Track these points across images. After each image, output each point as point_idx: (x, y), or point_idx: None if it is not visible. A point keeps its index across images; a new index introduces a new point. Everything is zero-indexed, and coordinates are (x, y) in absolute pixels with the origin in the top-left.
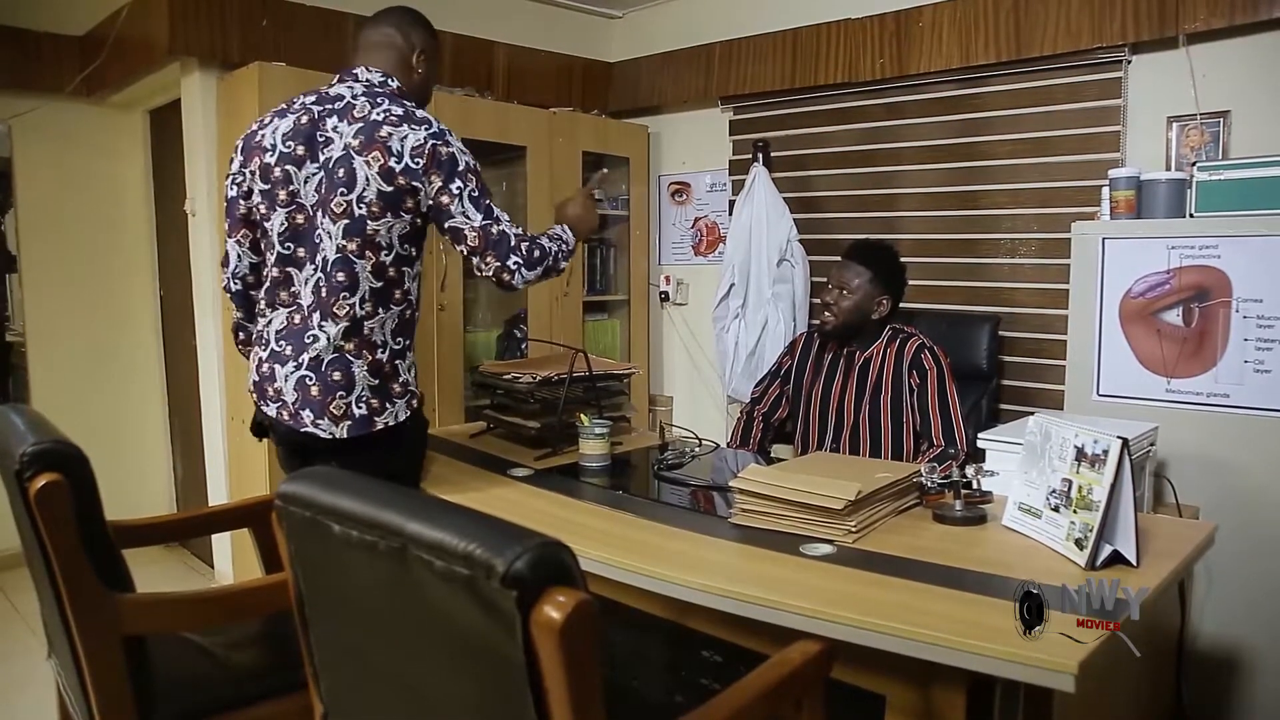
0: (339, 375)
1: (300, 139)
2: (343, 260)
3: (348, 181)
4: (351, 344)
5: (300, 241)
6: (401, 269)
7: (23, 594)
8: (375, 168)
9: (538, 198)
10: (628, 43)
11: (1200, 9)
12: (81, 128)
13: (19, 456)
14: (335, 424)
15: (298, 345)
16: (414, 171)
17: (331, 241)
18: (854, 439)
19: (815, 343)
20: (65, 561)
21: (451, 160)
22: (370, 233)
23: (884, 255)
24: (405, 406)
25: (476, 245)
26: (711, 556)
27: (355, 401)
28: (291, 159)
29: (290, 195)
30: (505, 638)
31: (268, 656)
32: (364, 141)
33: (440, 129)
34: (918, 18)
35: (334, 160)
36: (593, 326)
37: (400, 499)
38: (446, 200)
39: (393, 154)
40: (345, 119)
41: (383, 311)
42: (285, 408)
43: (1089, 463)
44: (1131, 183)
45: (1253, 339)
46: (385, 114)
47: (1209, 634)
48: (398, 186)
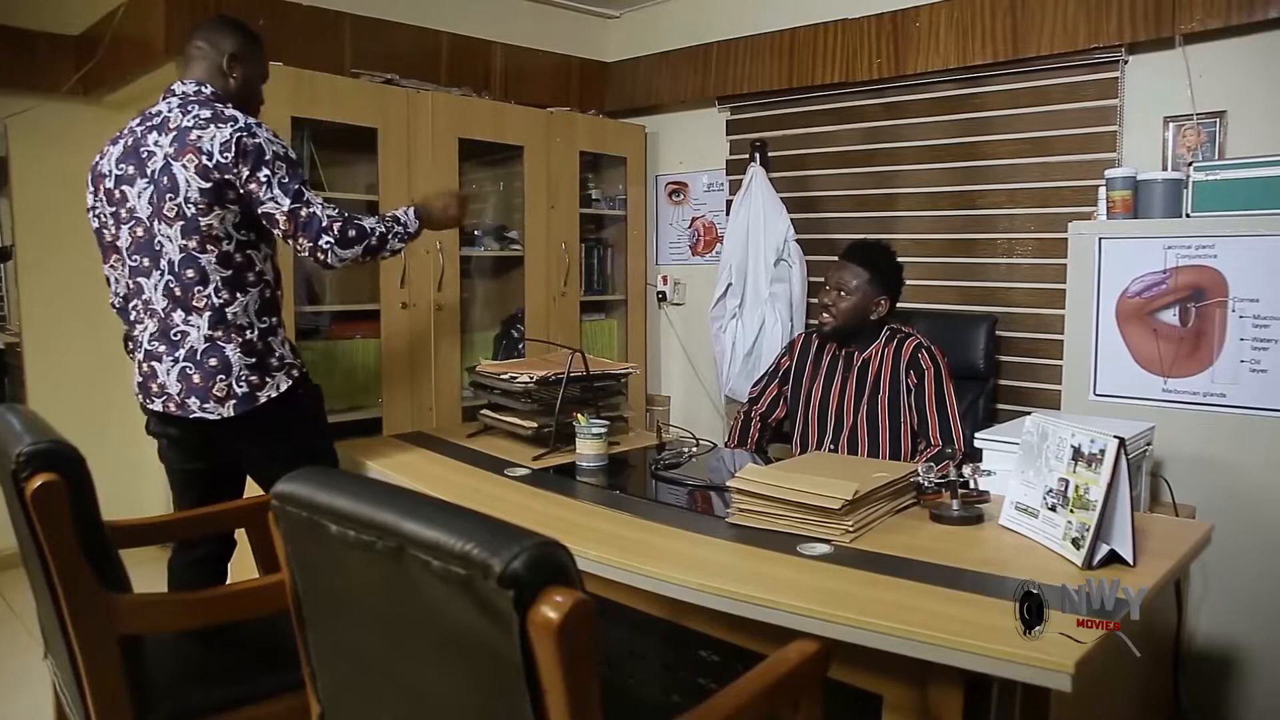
0: (215, 361)
1: (129, 159)
2: (187, 258)
3: (172, 187)
4: (220, 331)
5: (144, 252)
6: (247, 253)
7: (19, 594)
8: (192, 169)
9: (535, 197)
10: (625, 43)
11: (1196, 9)
12: (77, 127)
13: (15, 456)
14: (220, 405)
15: (168, 343)
16: (224, 165)
17: (173, 244)
18: (852, 439)
19: (814, 343)
20: (62, 561)
21: (258, 150)
22: (205, 228)
23: (881, 255)
24: (285, 378)
25: (288, 228)
26: (709, 556)
27: (235, 381)
28: (125, 179)
29: (129, 212)
30: (502, 637)
31: (264, 656)
32: (178, 148)
33: (247, 123)
34: (915, 18)
35: (158, 170)
36: (590, 326)
37: (397, 498)
38: (255, 187)
39: (203, 153)
40: (162, 132)
41: (241, 295)
42: (171, 400)
43: (1086, 462)
44: (1128, 183)
45: (1249, 339)
46: (195, 119)
47: (1206, 633)
48: (214, 181)
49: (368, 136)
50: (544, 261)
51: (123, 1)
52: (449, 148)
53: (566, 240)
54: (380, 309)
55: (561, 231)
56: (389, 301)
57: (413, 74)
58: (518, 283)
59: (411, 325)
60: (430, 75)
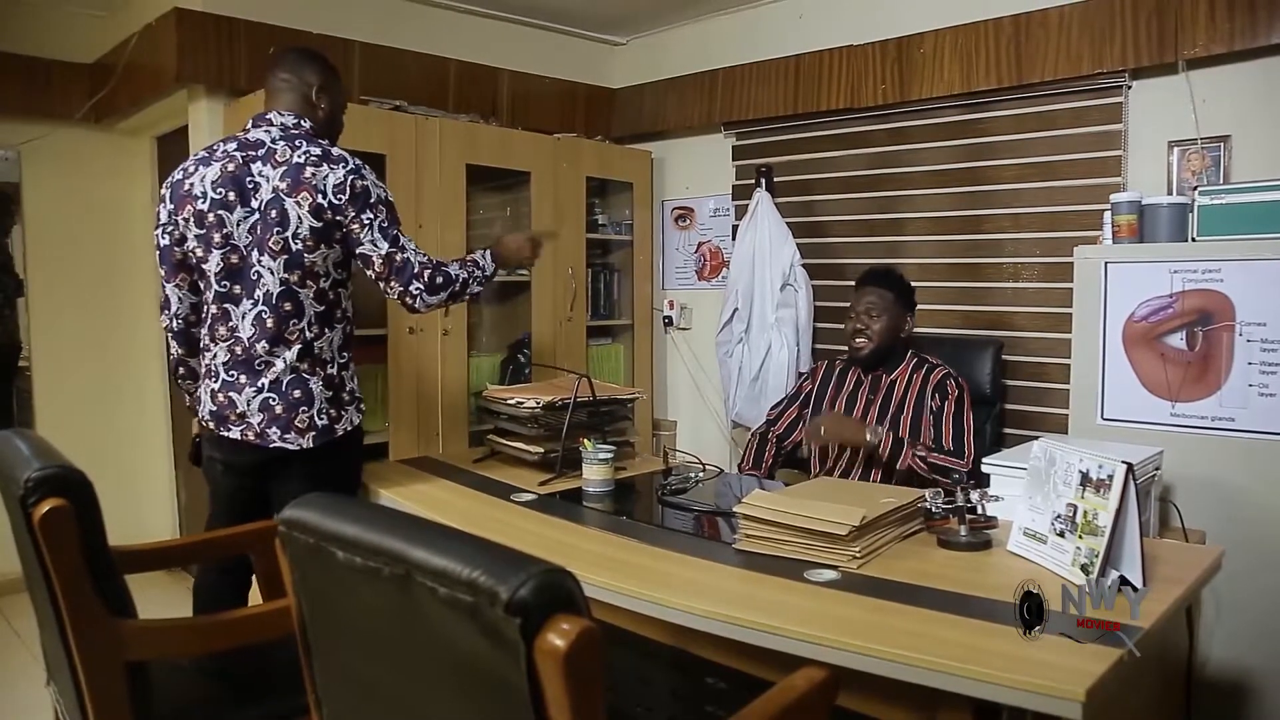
0: (299, 393)
1: (230, 185)
2: (287, 292)
3: (281, 221)
4: (305, 363)
5: (236, 279)
6: (338, 291)
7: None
8: (306, 207)
9: (541, 223)
10: (631, 69)
11: (1199, 35)
12: (90, 154)
13: (24, 481)
14: (302, 435)
15: (250, 372)
16: (338, 206)
17: (274, 276)
18: (870, 458)
19: (837, 368)
20: (68, 587)
21: (365, 193)
22: (309, 264)
23: (898, 277)
24: (356, 412)
25: (382, 271)
26: (716, 582)
27: (316, 414)
28: (223, 204)
29: (224, 238)
30: (509, 665)
31: (270, 683)
32: (291, 184)
33: (356, 165)
34: (919, 44)
35: (265, 203)
36: (597, 351)
37: (404, 525)
38: (358, 229)
39: (319, 192)
40: (269, 163)
41: (329, 331)
42: (250, 429)
43: (1094, 488)
44: (1133, 207)
45: (1257, 363)
46: (306, 155)
47: (1218, 659)
48: (326, 221)
49: (376, 163)
50: (551, 286)
51: (135, 30)
52: (457, 173)
53: (573, 265)
54: (387, 334)
55: (568, 256)
56: (396, 326)
57: (421, 101)
58: (525, 307)
59: (418, 350)
60: (438, 102)
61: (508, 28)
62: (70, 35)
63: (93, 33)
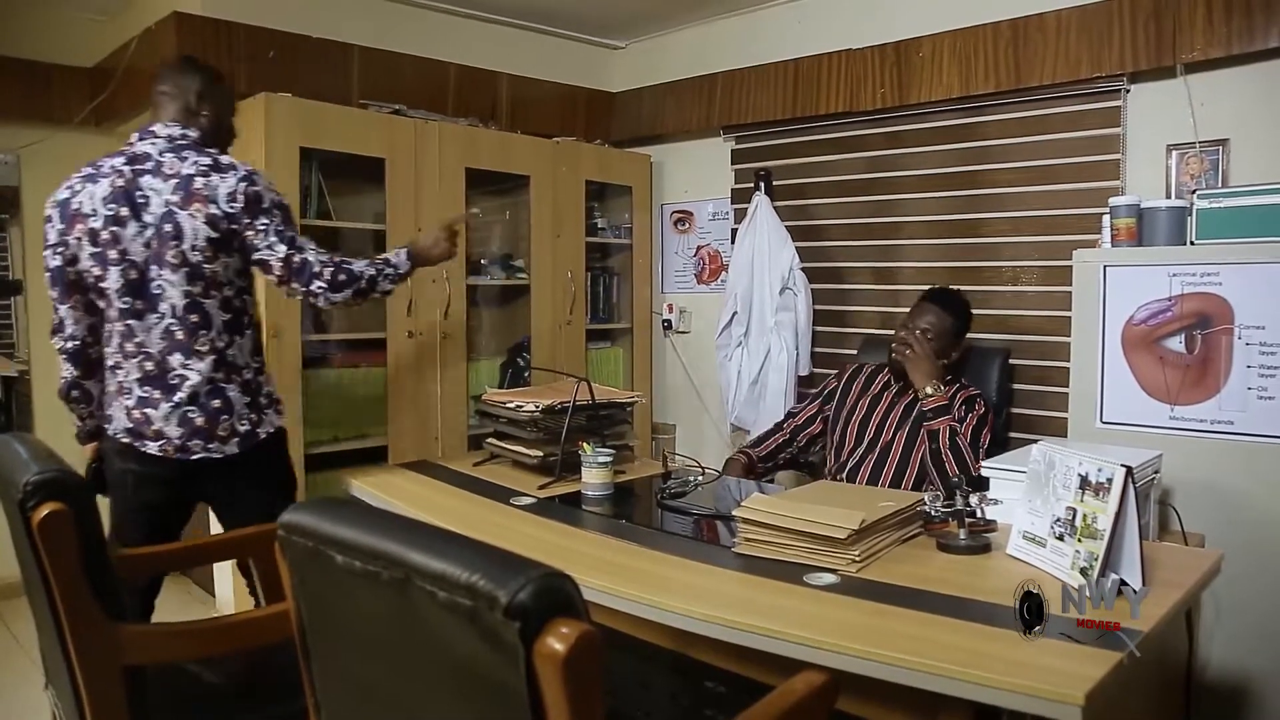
0: (218, 402)
1: (122, 201)
2: (192, 304)
3: (176, 234)
4: (221, 373)
5: (138, 295)
6: (244, 298)
7: (22, 623)
8: (201, 218)
9: (541, 226)
10: (630, 73)
11: (1198, 39)
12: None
13: (22, 485)
14: (225, 444)
15: (164, 387)
16: (232, 215)
17: (176, 289)
18: (884, 454)
19: (865, 371)
20: (67, 591)
21: (258, 199)
22: (210, 274)
23: (963, 304)
24: (275, 414)
25: (282, 274)
26: (715, 586)
27: (237, 421)
28: (116, 220)
29: (121, 254)
30: (508, 669)
31: (268, 687)
32: (184, 196)
33: (247, 172)
34: (918, 48)
35: (159, 217)
36: (596, 355)
37: (403, 529)
38: (253, 235)
39: (211, 202)
40: (158, 176)
41: (239, 338)
42: (170, 443)
43: (1093, 491)
44: (1132, 210)
45: (1255, 366)
46: (195, 166)
47: (1218, 663)
48: (223, 231)
49: (376, 167)
50: (550, 290)
51: (135, 34)
52: (456, 177)
53: (572, 269)
54: (386, 337)
55: (567, 260)
56: (395, 330)
57: (420, 105)
58: (524, 311)
59: (418, 354)
60: (438, 106)
61: (507, 31)
62: (70, 39)
63: (93, 37)
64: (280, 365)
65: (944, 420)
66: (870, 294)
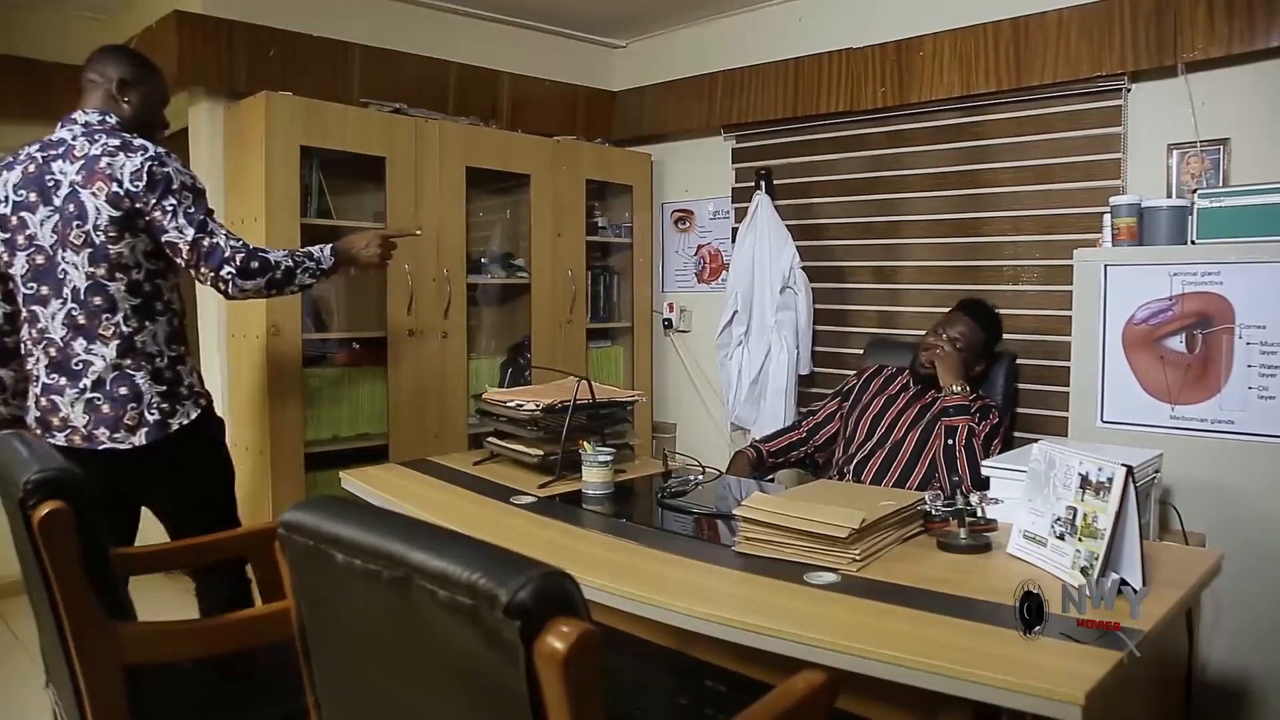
0: (125, 389)
1: (31, 186)
2: (95, 286)
3: (79, 214)
4: (129, 359)
5: (44, 280)
6: (156, 282)
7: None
8: (103, 196)
9: (541, 225)
10: (631, 72)
11: (1198, 38)
12: None
13: (23, 484)
14: (132, 433)
15: (69, 373)
16: (135, 194)
17: (79, 271)
18: (892, 454)
19: (887, 371)
20: (67, 589)
21: (166, 180)
22: (114, 255)
23: (996, 319)
24: (194, 406)
25: (190, 258)
26: (715, 585)
27: (146, 409)
28: (25, 205)
29: (29, 239)
30: (508, 668)
31: (268, 686)
32: (87, 175)
33: (157, 152)
34: (918, 47)
35: (64, 198)
36: (596, 354)
37: (403, 528)
38: (160, 216)
39: (114, 180)
40: (68, 160)
41: (150, 324)
42: (76, 432)
43: (1094, 490)
44: (1133, 210)
45: (1256, 365)
46: (103, 147)
47: (1218, 663)
48: (125, 210)
49: (376, 165)
50: (550, 289)
51: (135, 33)
52: (456, 176)
53: (573, 268)
54: (387, 336)
55: (568, 259)
56: (396, 329)
57: (421, 103)
58: (524, 310)
59: (418, 352)
60: (438, 105)
61: (508, 30)
62: (70, 38)
63: (93, 35)
64: (280, 364)
65: (963, 419)
66: (871, 293)
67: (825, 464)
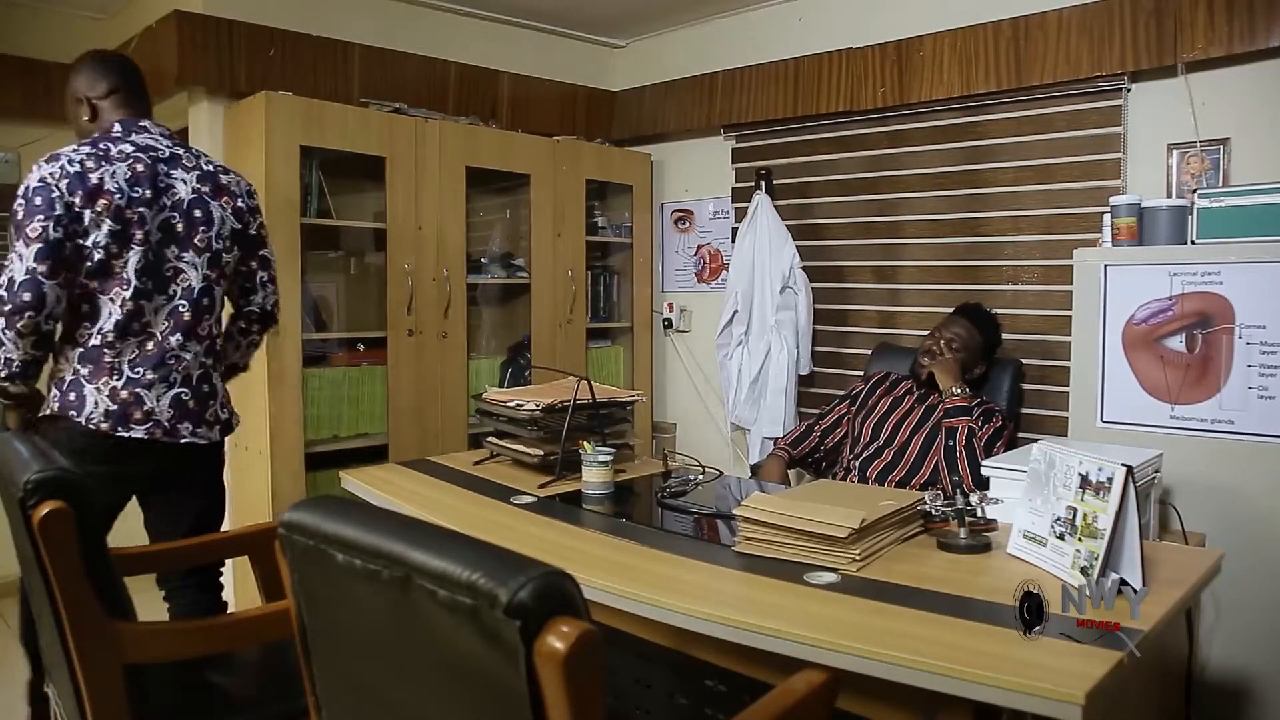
0: (208, 387)
1: (144, 185)
2: (207, 289)
3: (205, 220)
4: (212, 359)
5: (153, 276)
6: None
7: None
8: (229, 210)
9: (541, 225)
10: (631, 72)
11: (1199, 38)
12: None
13: (23, 484)
14: (211, 429)
15: (160, 368)
16: (250, 210)
17: (196, 272)
18: (897, 456)
19: (892, 377)
20: (67, 589)
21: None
22: (225, 263)
23: (995, 324)
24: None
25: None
26: (715, 585)
27: (219, 408)
28: (141, 202)
29: (145, 235)
30: (508, 668)
31: (269, 685)
32: (213, 188)
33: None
34: (918, 47)
35: (187, 202)
36: (596, 354)
37: (403, 528)
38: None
39: (237, 196)
40: (174, 166)
41: (219, 329)
42: (158, 426)
43: (1094, 490)
44: (1133, 209)
45: (1256, 365)
46: (211, 164)
47: (1218, 662)
48: (243, 224)
49: (376, 165)
50: (550, 289)
51: (136, 33)
52: (456, 176)
53: (573, 268)
54: (387, 336)
55: (568, 259)
56: (396, 329)
57: (421, 103)
58: (524, 310)
59: (418, 352)
60: (438, 104)
61: (508, 30)
62: (70, 38)
63: (93, 35)
64: (280, 364)
65: (963, 420)
66: (871, 293)
67: (831, 466)
